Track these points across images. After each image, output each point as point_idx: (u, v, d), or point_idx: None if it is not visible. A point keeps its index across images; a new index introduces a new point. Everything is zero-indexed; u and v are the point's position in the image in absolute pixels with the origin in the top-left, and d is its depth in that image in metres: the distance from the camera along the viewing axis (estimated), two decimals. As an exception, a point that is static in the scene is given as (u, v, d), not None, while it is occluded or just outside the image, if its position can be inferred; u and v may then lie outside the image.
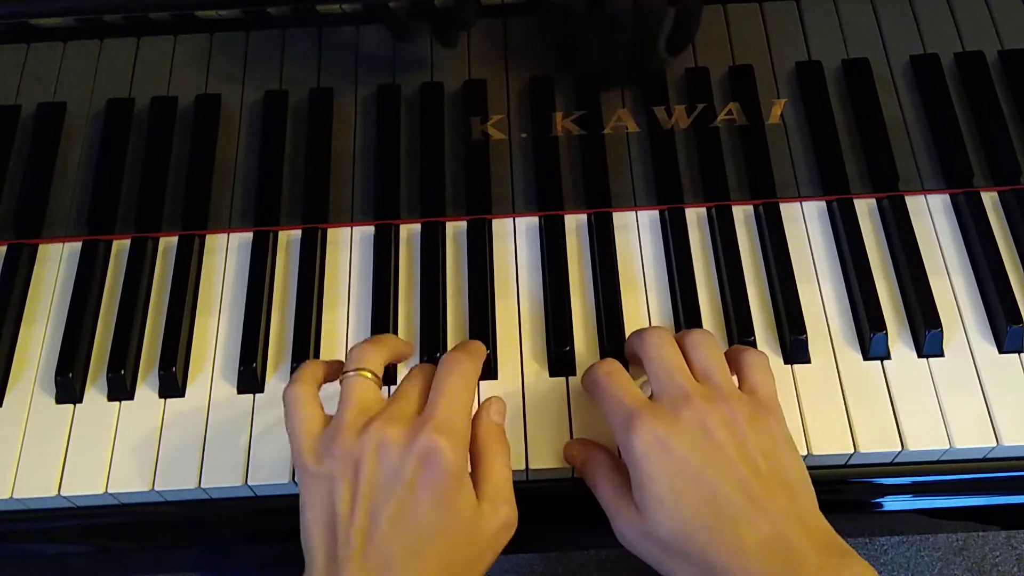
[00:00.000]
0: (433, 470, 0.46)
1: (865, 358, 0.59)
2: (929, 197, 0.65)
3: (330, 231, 0.65)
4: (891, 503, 0.60)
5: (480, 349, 0.55)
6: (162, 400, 0.59)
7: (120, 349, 0.60)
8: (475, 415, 0.52)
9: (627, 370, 0.54)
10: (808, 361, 0.59)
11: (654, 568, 0.49)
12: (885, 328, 0.59)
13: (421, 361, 0.59)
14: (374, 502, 0.46)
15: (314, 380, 0.52)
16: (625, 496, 0.50)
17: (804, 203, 0.65)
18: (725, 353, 0.54)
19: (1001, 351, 0.60)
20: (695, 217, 0.65)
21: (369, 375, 0.51)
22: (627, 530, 0.50)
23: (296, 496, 0.57)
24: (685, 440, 0.48)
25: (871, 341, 0.59)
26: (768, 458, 0.48)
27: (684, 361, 0.52)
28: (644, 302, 0.62)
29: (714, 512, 0.47)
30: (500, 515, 0.49)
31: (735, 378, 0.53)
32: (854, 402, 0.58)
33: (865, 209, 0.65)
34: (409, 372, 0.53)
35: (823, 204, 0.65)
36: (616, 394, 0.51)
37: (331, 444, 0.48)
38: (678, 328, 0.61)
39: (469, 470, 0.49)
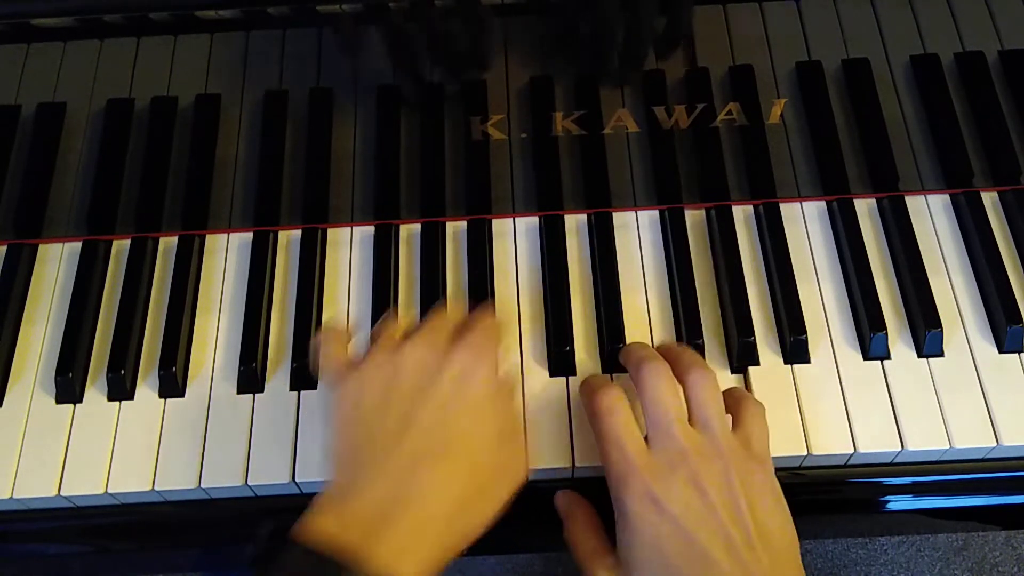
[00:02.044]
0: (473, 379, 0.49)
1: (865, 358, 0.59)
2: (929, 197, 0.65)
3: (330, 231, 0.65)
4: (891, 503, 0.60)
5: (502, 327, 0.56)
6: (162, 400, 0.59)
7: (120, 349, 0.60)
8: None
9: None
10: (808, 361, 0.59)
11: None
12: (885, 328, 0.59)
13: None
14: (406, 408, 0.48)
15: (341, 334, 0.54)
16: (602, 555, 0.51)
17: (804, 203, 0.65)
18: (724, 394, 0.54)
19: (1001, 351, 0.59)
20: (695, 217, 0.65)
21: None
22: None
23: (296, 496, 0.58)
24: (679, 500, 0.48)
25: (871, 341, 0.59)
26: (757, 519, 0.48)
27: (682, 404, 0.51)
28: (644, 302, 0.62)
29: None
30: (515, 452, 0.50)
31: (729, 418, 0.53)
32: (854, 402, 0.58)
33: (865, 209, 0.65)
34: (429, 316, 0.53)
35: (823, 204, 0.65)
36: (616, 437, 0.50)
37: (367, 359, 0.50)
38: (678, 330, 0.61)
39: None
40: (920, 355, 0.59)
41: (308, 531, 0.44)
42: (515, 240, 0.65)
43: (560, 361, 0.59)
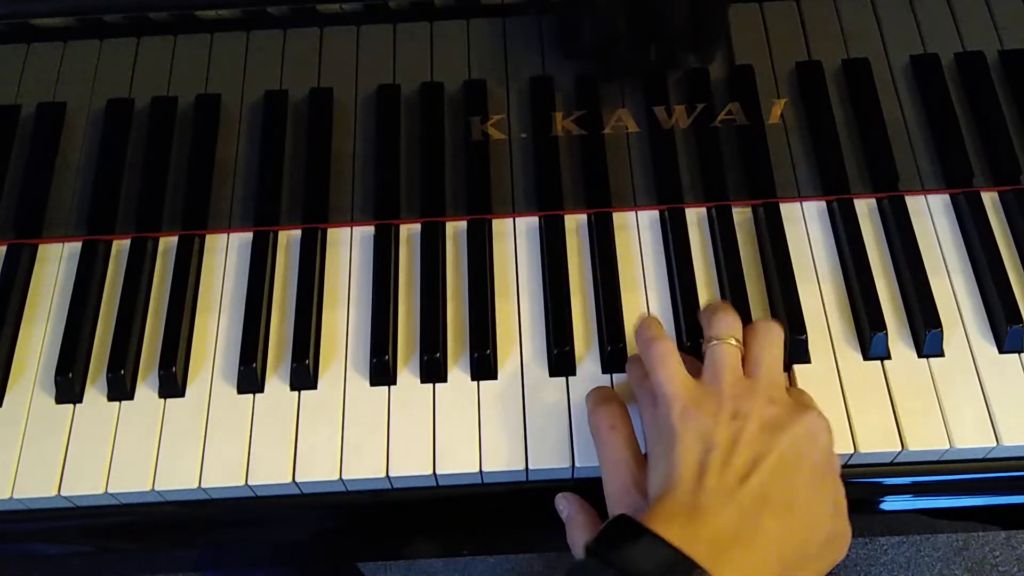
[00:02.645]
0: (818, 444, 0.50)
1: (865, 358, 0.59)
2: (929, 197, 0.65)
3: (330, 231, 0.65)
4: (891, 503, 0.60)
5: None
6: (162, 400, 0.59)
7: (120, 349, 0.60)
8: None
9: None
10: (808, 361, 0.59)
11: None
12: (885, 328, 0.59)
13: (421, 360, 0.59)
14: (756, 450, 0.48)
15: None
16: None
17: (804, 203, 0.65)
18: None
19: (1001, 351, 0.60)
20: (695, 217, 0.65)
21: (734, 343, 0.53)
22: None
23: (298, 496, 0.58)
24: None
25: (871, 341, 0.59)
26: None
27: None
28: (644, 302, 0.62)
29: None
30: (847, 528, 0.51)
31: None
32: (854, 402, 0.58)
33: (865, 209, 0.65)
34: (756, 331, 0.54)
35: (823, 204, 0.65)
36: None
37: (713, 401, 0.51)
38: (678, 332, 0.61)
39: None
40: (920, 355, 0.59)
41: (656, 530, 0.45)
42: (515, 240, 0.65)
43: (560, 361, 0.59)
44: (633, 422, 0.54)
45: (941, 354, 0.59)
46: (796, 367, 0.59)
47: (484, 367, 0.59)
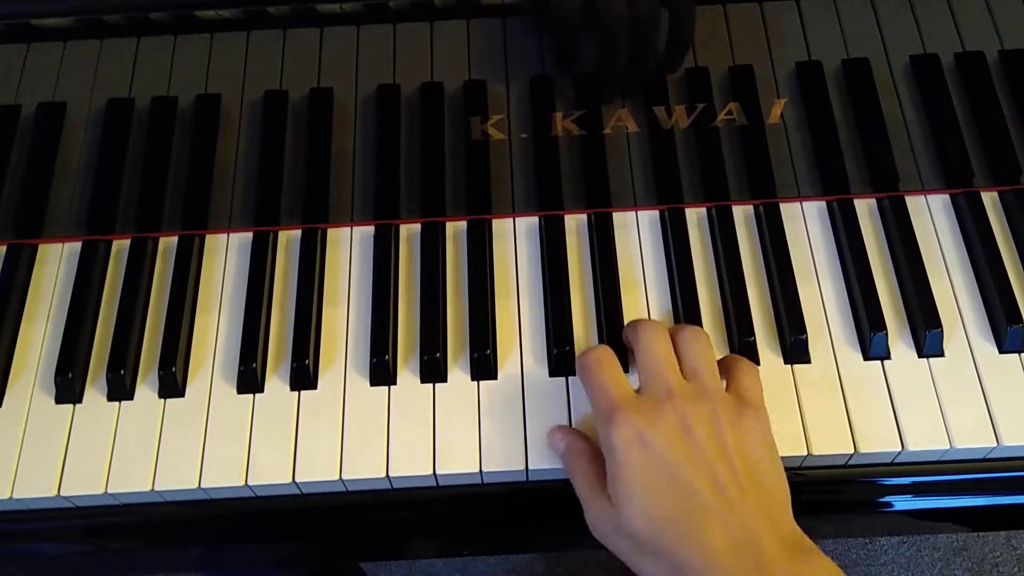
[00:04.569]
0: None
1: (865, 358, 0.59)
2: (929, 197, 0.66)
3: (330, 231, 0.65)
4: (891, 503, 0.60)
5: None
6: (162, 400, 0.59)
7: (120, 349, 0.60)
8: None
9: (625, 357, 0.57)
10: (808, 361, 0.59)
11: (623, 562, 0.50)
12: (885, 328, 0.59)
13: (421, 360, 0.59)
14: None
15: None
16: (600, 488, 0.51)
17: (804, 203, 0.65)
18: (719, 362, 0.55)
19: (1001, 351, 0.60)
20: (695, 217, 0.65)
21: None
22: (599, 521, 0.51)
23: (298, 496, 0.58)
24: (664, 436, 0.49)
25: (871, 341, 0.59)
26: (745, 458, 0.49)
27: (674, 357, 0.53)
28: (644, 302, 0.62)
29: (686, 509, 0.48)
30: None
31: (724, 382, 0.54)
32: (854, 402, 0.58)
33: (865, 209, 0.65)
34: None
35: (823, 204, 0.65)
36: (603, 383, 0.52)
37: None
38: (678, 328, 0.61)
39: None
40: (920, 355, 0.59)
41: None
42: (515, 240, 0.65)
43: (560, 361, 0.59)
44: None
45: (941, 354, 0.59)
46: (796, 367, 0.59)
47: (484, 367, 0.59)
